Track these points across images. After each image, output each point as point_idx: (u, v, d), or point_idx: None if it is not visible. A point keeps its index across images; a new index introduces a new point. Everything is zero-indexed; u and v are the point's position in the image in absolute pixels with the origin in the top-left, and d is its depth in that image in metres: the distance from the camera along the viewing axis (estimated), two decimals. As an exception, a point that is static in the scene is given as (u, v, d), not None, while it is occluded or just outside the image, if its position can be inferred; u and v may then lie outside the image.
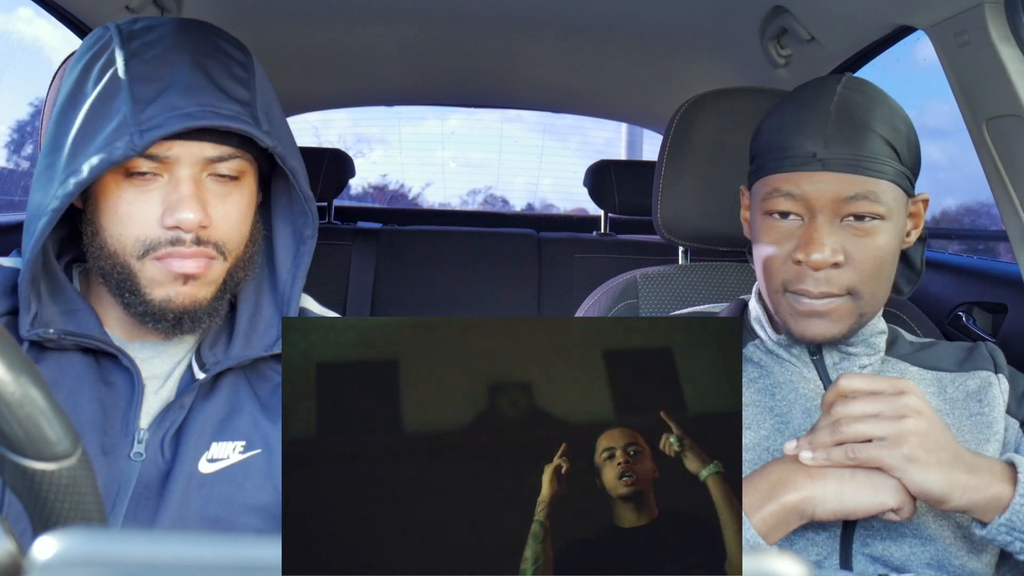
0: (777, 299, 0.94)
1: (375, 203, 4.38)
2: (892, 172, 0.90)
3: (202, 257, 0.83)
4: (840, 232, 0.89)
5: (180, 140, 0.81)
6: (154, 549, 0.30)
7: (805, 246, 0.89)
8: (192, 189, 0.82)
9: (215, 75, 0.83)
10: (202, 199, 0.83)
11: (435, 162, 4.65)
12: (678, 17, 1.79)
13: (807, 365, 0.98)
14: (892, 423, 0.81)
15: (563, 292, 2.23)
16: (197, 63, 0.82)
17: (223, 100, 0.81)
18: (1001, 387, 0.96)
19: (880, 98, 0.93)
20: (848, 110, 0.90)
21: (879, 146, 0.89)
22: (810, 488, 0.81)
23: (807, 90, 0.95)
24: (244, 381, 0.90)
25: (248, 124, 0.81)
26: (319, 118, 2.95)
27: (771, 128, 0.95)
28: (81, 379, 0.84)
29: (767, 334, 1.00)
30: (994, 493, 0.81)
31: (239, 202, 0.86)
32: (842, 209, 0.89)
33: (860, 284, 0.90)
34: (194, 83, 0.81)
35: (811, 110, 0.92)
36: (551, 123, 4.37)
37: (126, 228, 0.82)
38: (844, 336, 0.93)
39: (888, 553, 0.87)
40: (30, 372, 0.46)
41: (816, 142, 0.90)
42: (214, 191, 0.84)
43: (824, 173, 0.89)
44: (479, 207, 4.32)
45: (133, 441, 0.83)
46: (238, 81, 0.84)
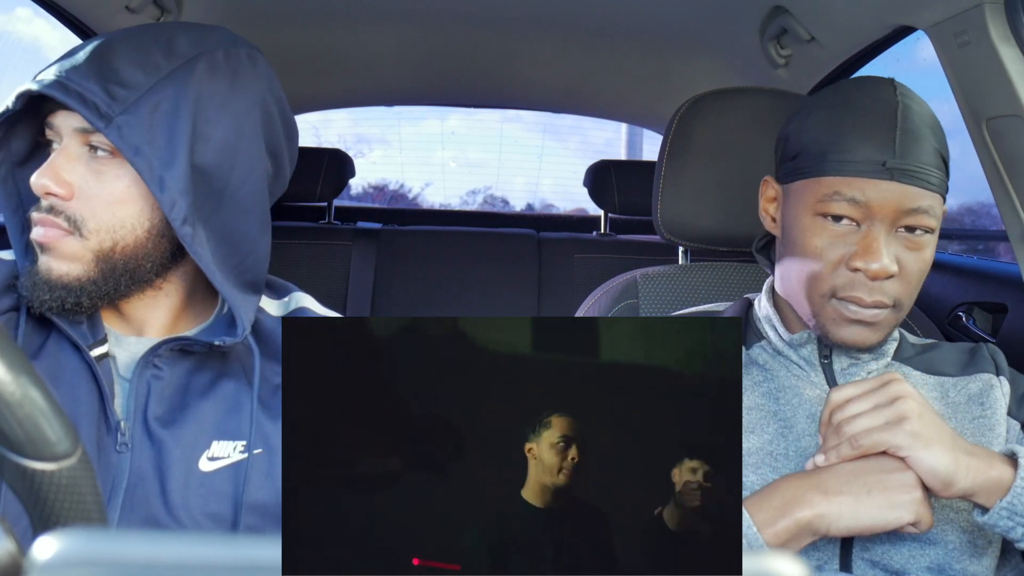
0: (821, 303, 0.92)
1: (375, 203, 4.37)
2: (941, 184, 0.90)
3: (49, 226, 0.82)
4: (894, 243, 0.89)
5: (64, 111, 0.82)
6: (154, 549, 0.30)
7: (864, 254, 0.88)
8: (57, 157, 0.83)
9: (113, 56, 0.82)
10: (67, 169, 0.82)
11: (435, 162, 4.65)
12: (678, 17, 1.79)
13: (815, 368, 0.97)
14: (889, 408, 0.82)
15: (563, 292, 2.23)
16: (105, 44, 0.83)
17: (85, 77, 0.80)
18: (1003, 389, 0.96)
19: (927, 107, 0.93)
20: (910, 119, 0.90)
21: (935, 158, 0.90)
22: (824, 506, 0.81)
23: (861, 93, 0.93)
24: (245, 381, 0.90)
25: (82, 103, 0.79)
26: (319, 118, 2.95)
27: (823, 127, 0.92)
28: (79, 373, 0.85)
29: (778, 333, 0.99)
30: (996, 474, 0.81)
31: (115, 182, 0.83)
32: (900, 220, 0.88)
33: (905, 296, 0.90)
34: (80, 58, 0.82)
35: (874, 116, 0.90)
36: (551, 123, 4.36)
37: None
38: (880, 344, 0.94)
39: (888, 557, 0.87)
40: (30, 372, 0.46)
41: (885, 150, 0.88)
42: (90, 166, 0.83)
43: (891, 183, 0.88)
44: (479, 207, 4.32)
45: (116, 433, 0.84)
46: (143, 68, 0.82)
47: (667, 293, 1.27)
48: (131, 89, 0.80)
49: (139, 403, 0.85)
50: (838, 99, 0.94)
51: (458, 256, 2.27)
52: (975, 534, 0.89)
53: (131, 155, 0.79)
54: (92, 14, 1.58)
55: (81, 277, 0.83)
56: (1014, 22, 1.12)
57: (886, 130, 0.89)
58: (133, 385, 0.86)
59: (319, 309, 1.01)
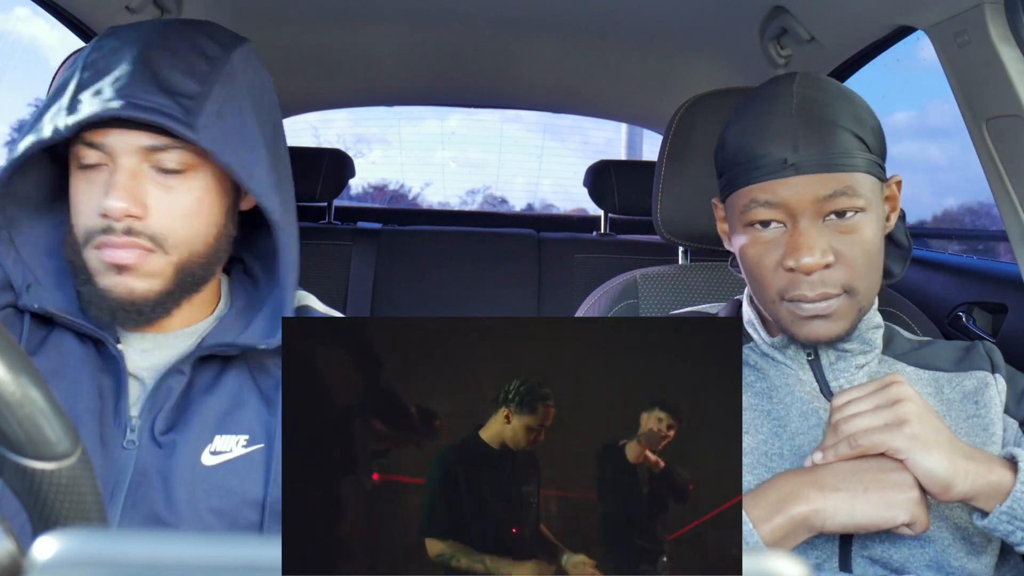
0: (775, 308, 0.93)
1: (375, 203, 4.37)
2: (864, 163, 0.89)
3: (133, 248, 0.82)
4: (825, 232, 0.89)
5: (118, 129, 0.82)
6: (154, 549, 0.30)
7: (794, 252, 0.88)
8: (122, 178, 0.82)
9: (159, 67, 0.82)
10: (137, 189, 0.82)
11: (435, 162, 4.65)
12: (678, 17, 1.78)
13: (803, 367, 0.98)
14: (889, 410, 0.82)
15: (563, 292, 2.23)
16: (143, 55, 0.83)
17: (151, 92, 0.80)
18: (998, 387, 0.96)
19: (838, 91, 0.93)
20: (810, 109, 0.90)
21: (847, 140, 0.89)
22: (820, 501, 0.81)
23: (763, 95, 0.94)
24: (248, 376, 0.90)
25: (167, 118, 0.80)
26: (319, 118, 2.95)
27: (735, 138, 0.93)
28: (82, 367, 0.85)
29: (761, 337, 1.00)
30: (996, 479, 0.81)
31: (186, 196, 0.85)
32: (823, 209, 0.88)
33: (854, 280, 0.90)
34: (129, 73, 0.81)
35: (773, 115, 0.91)
36: (551, 123, 4.36)
37: (77, 217, 0.84)
38: (847, 333, 0.93)
39: (887, 555, 0.87)
40: (30, 372, 0.46)
41: (785, 148, 0.89)
42: (157, 182, 0.84)
43: (798, 177, 0.88)
44: (479, 207, 4.32)
45: (126, 429, 0.84)
46: (192, 75, 0.83)
47: (667, 293, 1.27)
48: (193, 98, 0.82)
49: (159, 404, 0.86)
50: (744, 107, 0.96)
51: (458, 256, 2.27)
52: (973, 532, 0.89)
53: (222, 158, 0.82)
54: (92, 14, 1.57)
55: (162, 291, 0.85)
56: (1014, 22, 1.12)
57: (784, 127, 0.90)
58: (157, 386, 0.86)
59: (321, 308, 1.01)
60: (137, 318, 0.85)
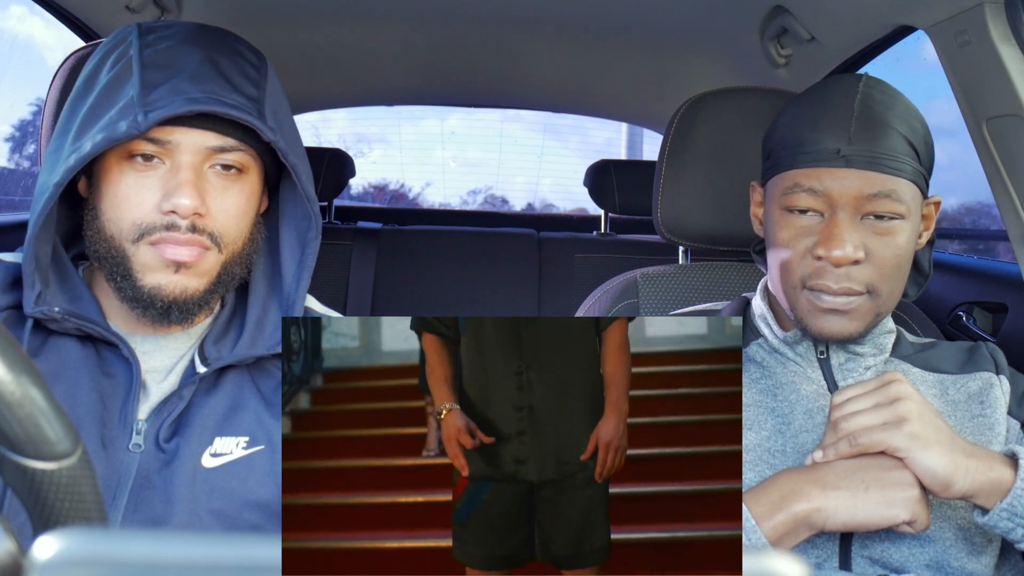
0: (795, 295, 0.93)
1: (375, 203, 4.37)
2: (911, 171, 0.90)
3: (195, 246, 0.83)
4: (860, 229, 0.89)
5: (184, 127, 0.82)
6: (154, 549, 0.30)
7: (826, 242, 0.88)
8: (191, 176, 0.82)
9: (225, 69, 0.84)
10: (201, 188, 0.83)
11: (435, 162, 4.65)
12: (678, 17, 1.78)
13: (812, 365, 0.97)
14: (889, 408, 0.82)
15: (563, 292, 2.23)
16: (208, 56, 0.84)
17: (229, 91, 0.82)
18: (1002, 388, 0.96)
19: (899, 98, 0.93)
20: (870, 108, 0.90)
21: (900, 144, 0.89)
22: (821, 500, 0.81)
23: (826, 88, 0.95)
24: (248, 377, 0.90)
25: (252, 116, 0.82)
26: (319, 118, 2.95)
27: (789, 124, 0.94)
28: (82, 370, 0.84)
29: (773, 332, 0.99)
30: (996, 476, 0.81)
31: (239, 196, 0.87)
32: (863, 207, 0.89)
33: (879, 282, 0.90)
34: (203, 72, 0.82)
35: (833, 107, 0.91)
36: (551, 123, 4.37)
37: (124, 211, 0.83)
38: (860, 334, 0.93)
39: (887, 555, 0.87)
40: (30, 372, 0.46)
41: (840, 139, 0.89)
42: (215, 182, 0.85)
43: (847, 170, 0.88)
44: (479, 207, 4.32)
45: (132, 432, 0.84)
46: (248, 79, 0.85)
47: (667, 293, 1.27)
48: (256, 100, 0.84)
49: (168, 409, 0.85)
50: (805, 97, 0.96)
51: (458, 256, 2.27)
52: (974, 532, 0.89)
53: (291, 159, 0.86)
54: (92, 14, 1.58)
55: (207, 289, 0.86)
56: (1014, 22, 1.12)
57: (841, 119, 0.90)
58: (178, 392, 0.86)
59: (321, 308, 1.01)
60: (184, 316, 0.85)
